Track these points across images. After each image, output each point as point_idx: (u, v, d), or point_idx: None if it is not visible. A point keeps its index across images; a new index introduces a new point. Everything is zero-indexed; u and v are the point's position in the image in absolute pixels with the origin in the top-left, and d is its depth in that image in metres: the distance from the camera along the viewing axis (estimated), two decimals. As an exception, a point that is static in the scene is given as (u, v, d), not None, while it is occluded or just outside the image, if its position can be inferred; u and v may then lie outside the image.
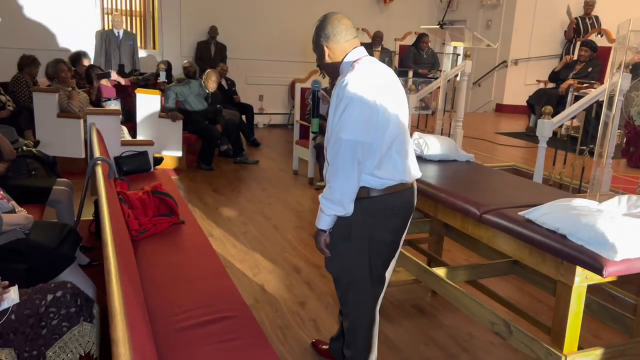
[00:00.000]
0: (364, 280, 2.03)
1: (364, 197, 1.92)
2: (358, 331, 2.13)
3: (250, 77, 9.34)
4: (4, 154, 3.44)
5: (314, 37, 2.02)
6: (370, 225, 1.96)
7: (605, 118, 3.47)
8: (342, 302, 2.15)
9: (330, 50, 1.99)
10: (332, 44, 1.98)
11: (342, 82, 1.86)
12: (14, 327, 1.80)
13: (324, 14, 2.03)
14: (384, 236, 2.00)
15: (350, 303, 2.10)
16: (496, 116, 9.37)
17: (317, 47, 2.02)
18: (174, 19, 8.98)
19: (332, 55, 2.00)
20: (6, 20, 7.99)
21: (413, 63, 8.35)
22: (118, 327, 1.28)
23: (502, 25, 9.44)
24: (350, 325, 2.14)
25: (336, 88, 1.89)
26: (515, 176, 2.89)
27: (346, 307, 2.14)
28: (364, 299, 2.08)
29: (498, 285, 3.29)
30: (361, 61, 1.95)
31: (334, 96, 1.89)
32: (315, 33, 2.01)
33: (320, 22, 2.01)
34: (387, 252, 2.06)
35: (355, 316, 2.11)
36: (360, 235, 1.96)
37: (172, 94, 6.19)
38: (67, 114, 5.46)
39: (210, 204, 5.04)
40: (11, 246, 2.39)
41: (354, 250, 1.98)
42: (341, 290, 2.11)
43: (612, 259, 1.68)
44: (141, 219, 2.99)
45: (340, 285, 2.11)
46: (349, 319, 2.14)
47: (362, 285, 2.04)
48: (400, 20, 10.01)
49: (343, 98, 1.84)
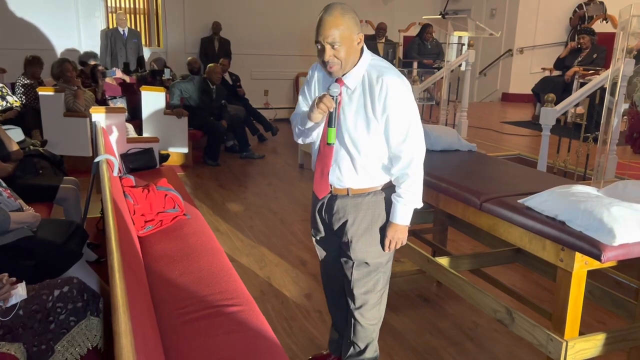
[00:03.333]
0: (391, 261, 2.13)
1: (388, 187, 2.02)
2: (378, 317, 2.14)
3: (255, 72, 9.36)
4: (12, 154, 3.49)
5: (346, 23, 1.80)
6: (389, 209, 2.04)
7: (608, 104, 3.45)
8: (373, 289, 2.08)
9: (360, 39, 1.86)
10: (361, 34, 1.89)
11: (399, 84, 1.86)
12: (23, 322, 1.84)
13: (335, 2, 1.85)
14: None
15: (381, 288, 2.10)
16: (502, 105, 9.33)
17: (356, 30, 1.83)
18: (177, 16, 9.02)
19: (360, 46, 1.88)
20: (13, 22, 8.07)
21: (417, 54, 8.33)
22: (121, 319, 1.31)
23: (506, 14, 9.38)
24: (380, 313, 2.14)
25: (390, 89, 1.83)
26: (517, 164, 2.90)
27: (376, 293, 2.09)
28: (388, 279, 2.13)
29: (503, 274, 3.30)
30: (377, 58, 1.97)
31: (391, 99, 1.84)
32: (349, 18, 1.81)
33: (343, 7, 1.82)
34: None
35: (379, 302, 2.11)
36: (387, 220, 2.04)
37: (177, 90, 6.23)
38: (73, 113, 5.51)
39: (217, 199, 5.08)
40: (19, 244, 2.43)
41: (384, 234, 2.04)
42: (374, 277, 2.07)
43: (610, 244, 1.69)
44: (147, 215, 3.03)
45: (375, 271, 2.06)
46: (381, 307, 2.13)
47: (389, 265, 2.12)
48: (404, 12, 9.98)
49: (407, 99, 1.87)
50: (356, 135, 1.91)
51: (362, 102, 1.88)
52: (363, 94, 1.88)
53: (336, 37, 1.79)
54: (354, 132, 1.92)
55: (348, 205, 2.02)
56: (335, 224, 2.08)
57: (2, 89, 5.74)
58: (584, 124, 3.95)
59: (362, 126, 1.90)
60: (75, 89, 5.59)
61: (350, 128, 1.92)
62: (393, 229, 2.00)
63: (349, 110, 1.91)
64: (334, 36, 1.79)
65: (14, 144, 3.49)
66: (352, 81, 1.90)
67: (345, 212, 2.03)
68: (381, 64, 1.91)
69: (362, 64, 1.89)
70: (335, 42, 1.79)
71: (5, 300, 1.83)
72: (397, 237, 2.01)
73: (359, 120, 1.90)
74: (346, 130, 1.92)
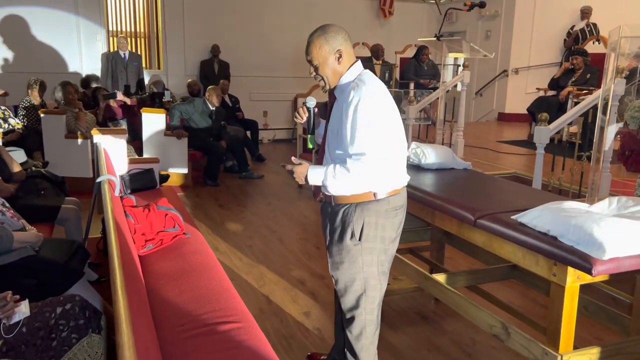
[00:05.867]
0: (374, 278, 2.12)
1: (371, 200, 2.05)
2: (365, 336, 2.16)
3: (254, 94, 9.48)
4: (14, 175, 3.54)
5: (325, 38, 1.99)
6: (380, 224, 2.06)
7: (600, 123, 3.52)
8: (351, 306, 2.15)
9: (345, 55, 2.01)
10: (349, 49, 2.05)
11: (363, 94, 1.92)
12: (26, 339, 1.87)
13: (324, 24, 2.06)
14: (390, 233, 2.11)
15: (360, 305, 2.13)
16: (498, 125, 9.43)
17: (329, 49, 1.99)
18: (177, 39, 9.17)
19: (342, 61, 2.02)
20: (16, 46, 8.21)
21: (414, 75, 8.45)
22: (123, 332, 1.34)
23: (501, 35, 9.54)
24: (359, 329, 2.16)
25: (354, 98, 1.92)
26: (511, 182, 2.95)
27: (355, 309, 2.14)
28: (373, 297, 2.13)
29: (500, 291, 3.32)
30: (366, 74, 2.05)
31: (351, 106, 1.92)
32: (330, 35, 1.99)
33: (331, 26, 2.03)
34: (392, 248, 2.17)
35: (363, 319, 2.14)
36: (371, 235, 2.07)
37: (177, 112, 6.32)
38: (74, 135, 5.58)
39: (216, 218, 5.12)
40: (22, 263, 2.46)
41: (365, 250, 2.07)
42: (351, 293, 2.13)
43: (601, 258, 1.73)
44: (147, 234, 3.07)
45: (351, 288, 2.12)
46: (357, 323, 2.15)
47: (373, 283, 2.12)
48: (400, 34, 10.15)
49: (367, 109, 1.91)
50: (332, 144, 2.05)
51: (341, 113, 2.00)
52: (342, 106, 1.99)
53: (313, 57, 2.01)
54: (331, 140, 2.06)
55: (329, 213, 2.15)
56: (323, 230, 2.23)
57: (5, 111, 5.82)
58: (578, 142, 4.01)
59: (336, 135, 2.02)
60: (77, 111, 5.68)
61: (329, 136, 2.07)
62: (304, 167, 2.04)
63: (332, 120, 2.06)
64: (311, 55, 2.02)
65: (16, 165, 3.54)
66: (338, 93, 2.06)
67: (326, 220, 2.17)
68: (364, 78, 2.01)
69: (347, 78, 2.03)
70: (313, 60, 2.02)
71: (8, 318, 1.86)
72: (298, 170, 2.06)
73: (336, 129, 2.02)
74: (328, 138, 2.06)
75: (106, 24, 8.84)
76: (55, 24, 8.36)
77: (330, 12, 9.52)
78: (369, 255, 2.08)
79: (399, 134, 2.05)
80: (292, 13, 9.55)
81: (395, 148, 2.03)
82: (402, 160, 2.11)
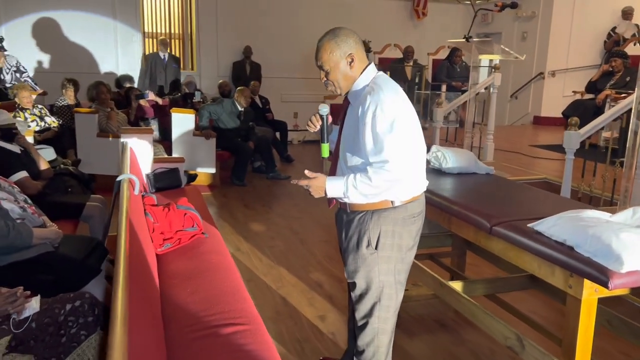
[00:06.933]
0: (390, 287, 2.06)
1: (388, 208, 1.99)
2: (377, 343, 2.11)
3: (285, 95, 9.51)
4: (42, 172, 3.64)
5: (336, 42, 1.94)
6: (397, 232, 2.01)
7: (634, 127, 3.37)
8: (365, 314, 2.11)
9: (356, 59, 1.95)
10: (360, 53, 1.98)
11: (381, 99, 1.85)
12: (35, 334, 1.90)
13: (334, 28, 2.01)
14: (407, 242, 2.05)
15: (374, 313, 2.08)
16: (534, 129, 9.18)
17: (340, 54, 1.94)
18: (210, 41, 9.29)
19: (355, 65, 1.96)
20: (57, 47, 8.49)
21: (446, 77, 8.32)
22: (117, 333, 1.33)
23: (538, 37, 9.29)
24: (370, 337, 2.11)
25: (372, 104, 1.86)
26: (533, 188, 2.85)
27: (369, 317, 2.10)
28: (388, 307, 2.08)
29: (523, 300, 3.21)
30: (381, 77, 1.99)
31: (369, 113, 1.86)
32: (341, 38, 1.94)
33: (341, 30, 1.97)
34: (409, 257, 2.10)
35: (375, 327, 2.09)
36: (388, 244, 2.01)
37: (206, 112, 6.39)
38: (105, 134, 5.70)
39: (240, 218, 5.15)
40: (40, 259, 2.52)
41: (381, 259, 2.02)
42: (366, 300, 2.09)
43: (619, 271, 1.65)
44: (166, 233, 3.10)
45: (366, 296, 2.08)
46: (369, 331, 2.11)
47: (388, 292, 2.06)
48: (433, 35, 10.00)
49: (387, 115, 1.84)
50: (347, 151, 1.99)
51: (356, 118, 1.94)
52: (358, 111, 1.93)
53: (324, 62, 1.96)
54: (346, 147, 2.00)
55: (344, 220, 2.09)
56: (339, 237, 2.17)
57: (42, 110, 6.00)
58: (610, 148, 3.85)
59: (352, 141, 1.96)
60: (109, 111, 5.81)
61: (344, 143, 2.01)
62: (320, 180, 1.96)
63: (347, 126, 2.00)
64: (321, 60, 1.96)
65: (44, 162, 3.64)
66: (353, 98, 2.00)
67: (342, 227, 2.12)
68: (379, 82, 1.94)
69: (361, 83, 1.97)
70: (323, 65, 1.96)
71: (18, 313, 1.90)
72: (314, 184, 1.97)
73: (351, 136, 1.97)
74: (342, 145, 1.99)
75: (142, 26, 9.04)
76: (93, 27, 8.61)
77: (363, 13, 9.48)
78: (386, 264, 2.03)
79: (418, 138, 1.98)
80: (325, 14, 9.53)
81: (416, 153, 1.96)
82: (422, 165, 2.04)
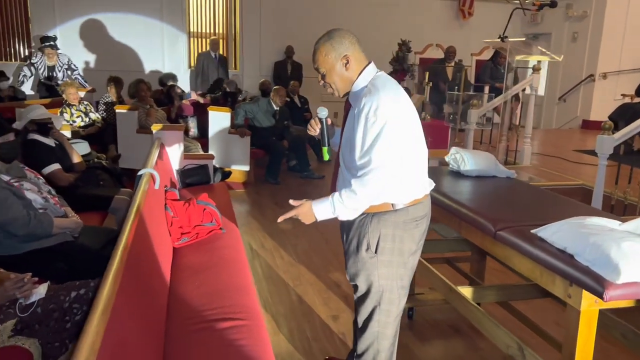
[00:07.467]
0: (391, 292, 2.02)
1: (389, 211, 1.95)
2: (377, 347, 2.08)
3: (325, 95, 9.46)
4: (75, 165, 3.81)
5: (331, 44, 1.91)
6: (397, 236, 1.97)
7: (672, 133, 3.19)
8: (365, 317, 2.09)
9: (352, 60, 1.93)
10: (357, 54, 1.95)
11: (374, 102, 1.81)
12: (40, 319, 1.99)
13: (332, 29, 2.00)
14: (409, 246, 2.00)
15: (374, 317, 2.06)
16: (582, 133, 8.82)
17: (335, 55, 1.91)
18: (253, 41, 9.44)
19: (351, 67, 1.93)
20: (106, 46, 8.85)
21: (490, 78, 8.10)
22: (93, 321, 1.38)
23: (589, 37, 8.92)
24: (370, 341, 2.09)
25: (366, 106, 1.83)
26: (552, 193, 2.73)
27: (369, 321, 2.08)
28: (388, 311, 2.04)
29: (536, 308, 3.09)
30: (379, 77, 1.95)
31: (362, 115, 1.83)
32: (336, 40, 1.92)
33: (337, 31, 1.95)
34: (412, 261, 2.06)
35: (375, 331, 2.07)
36: (388, 248, 1.98)
37: (242, 111, 6.49)
38: (145, 130, 5.89)
39: (270, 216, 5.20)
40: (59, 248, 2.64)
41: (381, 263, 1.99)
42: (366, 304, 2.07)
43: (615, 282, 1.57)
44: (184, 227, 3.17)
45: (366, 299, 2.06)
46: (368, 335, 2.09)
47: (389, 297, 2.03)
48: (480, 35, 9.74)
49: (378, 118, 1.80)
50: (346, 153, 1.96)
51: (353, 121, 1.91)
52: (355, 113, 1.90)
53: (320, 64, 1.94)
54: (345, 149, 1.97)
55: (345, 223, 2.07)
56: (341, 239, 2.15)
57: (87, 106, 6.27)
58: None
59: (349, 143, 1.94)
60: (148, 108, 5.99)
61: (344, 146, 1.98)
62: (306, 206, 1.95)
63: (347, 129, 1.98)
64: (317, 63, 1.95)
65: (77, 156, 3.80)
66: (353, 100, 1.97)
67: (343, 229, 2.10)
68: (376, 83, 1.90)
69: (360, 84, 1.94)
70: (320, 68, 1.95)
71: (26, 298, 2.00)
72: (301, 212, 1.97)
73: (349, 138, 1.94)
74: (342, 148, 1.97)
75: (187, 26, 9.29)
76: (141, 27, 8.93)
77: (407, 13, 9.38)
78: (386, 269, 1.99)
79: (416, 140, 1.93)
80: (368, 13, 9.51)
81: (411, 156, 1.92)
82: (422, 167, 1.99)
